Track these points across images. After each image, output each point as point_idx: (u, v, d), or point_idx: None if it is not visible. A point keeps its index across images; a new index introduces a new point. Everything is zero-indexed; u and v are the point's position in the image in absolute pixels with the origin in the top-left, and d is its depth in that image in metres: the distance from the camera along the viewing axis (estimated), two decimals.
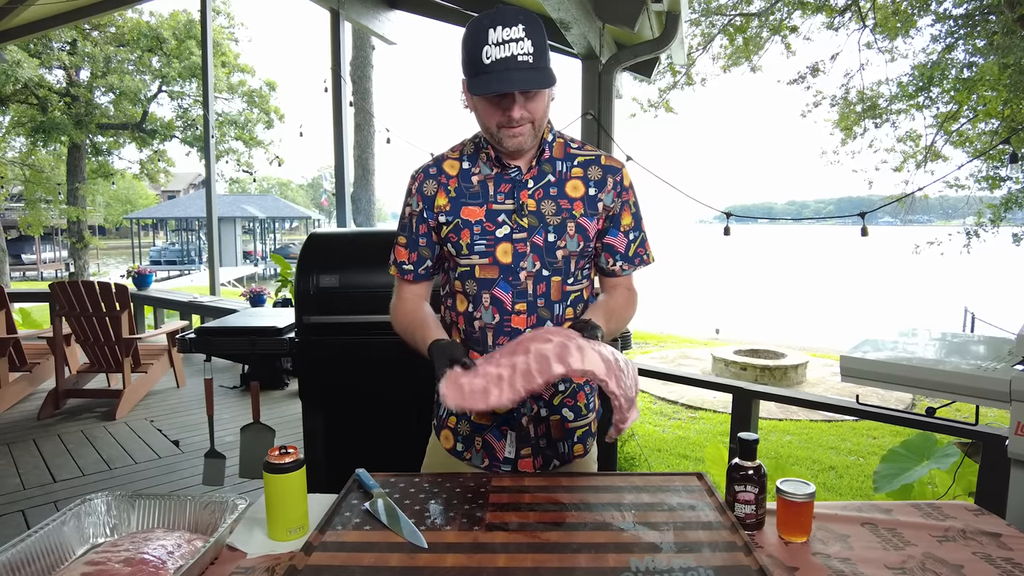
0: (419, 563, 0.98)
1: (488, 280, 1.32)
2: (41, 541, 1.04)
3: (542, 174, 1.33)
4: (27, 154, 15.82)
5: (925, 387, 1.55)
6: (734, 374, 8.54)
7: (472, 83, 1.19)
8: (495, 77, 1.16)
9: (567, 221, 1.32)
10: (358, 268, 2.37)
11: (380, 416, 2.41)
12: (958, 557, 1.06)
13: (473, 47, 1.17)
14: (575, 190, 1.33)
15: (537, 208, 1.31)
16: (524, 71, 1.16)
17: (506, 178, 1.32)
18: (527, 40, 1.15)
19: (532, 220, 1.31)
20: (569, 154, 1.36)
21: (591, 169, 1.35)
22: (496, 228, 1.31)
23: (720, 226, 3.28)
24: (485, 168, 1.34)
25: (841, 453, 5.86)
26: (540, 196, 1.32)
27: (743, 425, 2.57)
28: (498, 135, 1.25)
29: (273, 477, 1.11)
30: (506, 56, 1.15)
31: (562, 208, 1.32)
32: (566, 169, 1.34)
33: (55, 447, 3.84)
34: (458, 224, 1.32)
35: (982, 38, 8.14)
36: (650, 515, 1.13)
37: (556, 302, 1.34)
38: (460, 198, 1.33)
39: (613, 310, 1.36)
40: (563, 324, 1.35)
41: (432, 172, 1.36)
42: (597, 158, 1.37)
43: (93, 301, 4.33)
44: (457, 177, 1.35)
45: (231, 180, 28.20)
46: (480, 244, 1.31)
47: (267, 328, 2.49)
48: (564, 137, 1.38)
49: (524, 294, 1.32)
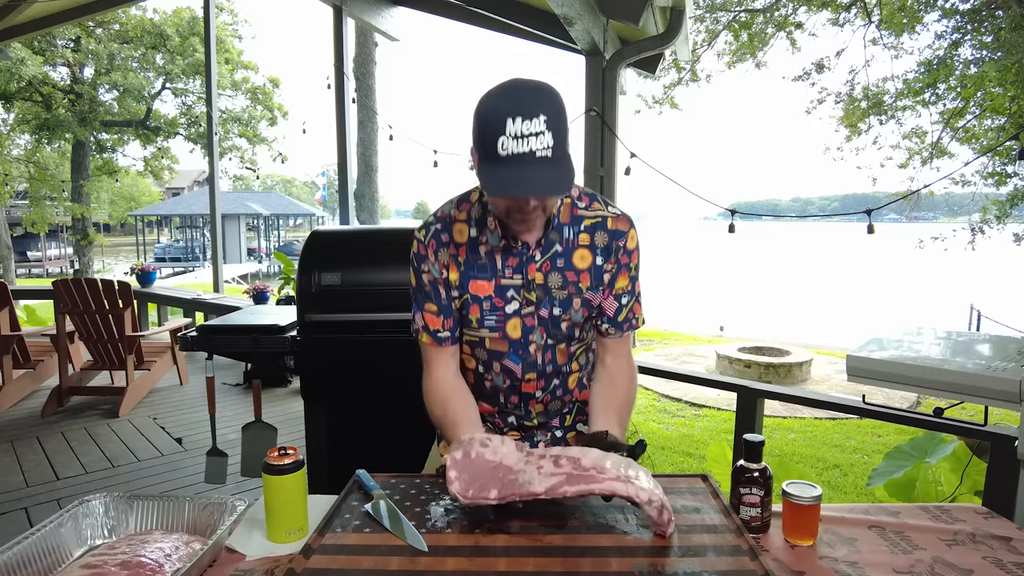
0: (419, 567, 0.97)
1: (498, 352, 1.33)
2: (38, 543, 1.03)
3: (549, 244, 1.28)
4: (32, 151, 15.88)
5: (933, 387, 1.53)
6: (738, 372, 8.51)
7: (484, 173, 1.10)
8: (510, 175, 1.07)
9: (573, 297, 1.30)
10: (360, 266, 2.36)
11: (382, 415, 2.40)
12: (968, 561, 1.05)
13: (488, 131, 1.08)
14: (582, 260, 1.29)
15: (544, 281, 1.29)
16: (542, 168, 1.07)
17: (513, 252, 1.28)
18: (548, 133, 1.06)
19: (539, 293, 1.29)
20: (576, 216, 1.30)
21: (598, 235, 1.30)
22: (505, 304, 1.30)
23: (724, 223, 3.26)
24: (493, 238, 1.28)
25: (846, 451, 5.83)
26: (547, 268, 1.28)
27: (748, 424, 2.55)
28: (507, 219, 1.21)
29: (272, 478, 1.10)
30: (524, 152, 1.06)
31: (568, 281, 1.29)
32: (573, 236, 1.29)
33: (58, 444, 3.85)
34: (467, 299, 1.31)
35: (989, 34, 8.08)
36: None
37: (563, 364, 1.36)
38: (468, 271, 1.30)
39: (622, 406, 1.34)
40: (569, 378, 1.38)
41: (444, 240, 1.30)
42: (604, 221, 1.30)
43: (96, 298, 4.33)
44: (466, 247, 1.30)
45: (235, 177, 28.29)
46: (490, 320, 1.30)
47: (269, 326, 2.48)
48: (571, 196, 1.31)
49: (534, 365, 1.33)
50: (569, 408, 1.43)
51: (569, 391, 1.40)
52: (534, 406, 1.38)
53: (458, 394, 1.35)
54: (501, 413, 1.41)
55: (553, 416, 1.41)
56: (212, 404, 2.62)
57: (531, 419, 1.40)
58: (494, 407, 1.41)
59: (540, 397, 1.37)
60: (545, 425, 1.41)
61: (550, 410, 1.40)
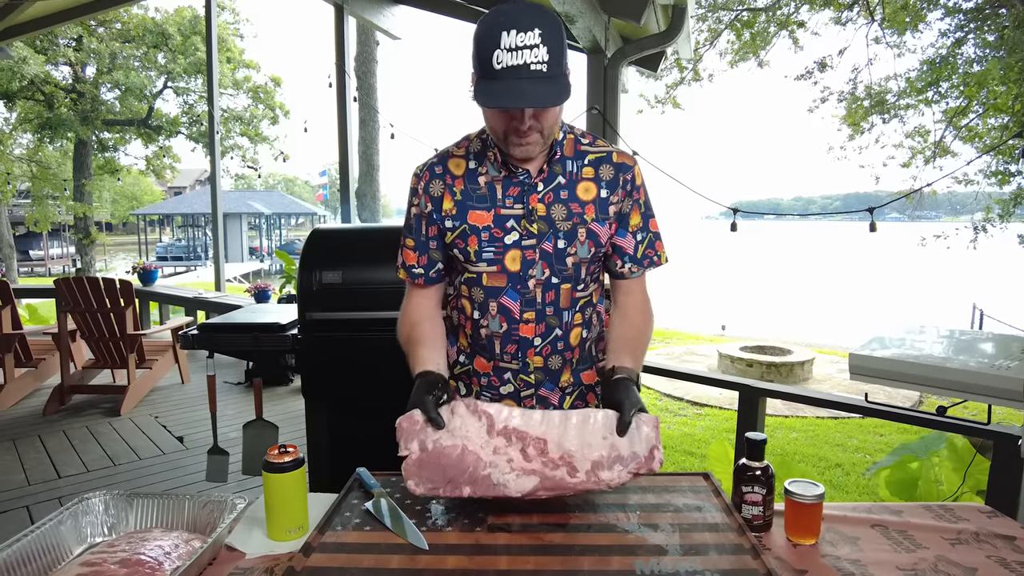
0: (419, 565, 0.96)
1: (496, 288, 1.29)
2: (38, 541, 1.02)
3: (552, 176, 1.27)
4: (34, 151, 15.88)
5: (936, 385, 1.52)
6: (740, 371, 8.50)
7: (479, 88, 1.11)
8: (504, 87, 1.08)
9: (578, 227, 1.27)
10: (361, 264, 2.35)
11: (384, 413, 2.39)
12: (972, 560, 1.04)
13: (484, 48, 1.08)
14: (586, 192, 1.28)
15: (547, 213, 1.26)
16: (536, 82, 1.07)
17: (515, 181, 1.27)
18: (542, 47, 1.07)
19: (542, 226, 1.26)
20: (579, 151, 1.30)
21: (603, 168, 1.29)
22: (505, 234, 1.27)
23: (726, 222, 3.25)
24: (492, 169, 1.28)
25: (848, 450, 5.82)
26: (550, 200, 1.26)
27: (750, 423, 2.54)
28: (505, 141, 1.19)
29: (272, 476, 1.10)
30: (518, 64, 1.06)
31: (573, 212, 1.27)
32: (576, 169, 1.29)
33: (60, 443, 3.85)
34: (465, 230, 1.28)
35: (992, 32, 8.05)
36: (656, 516, 1.11)
37: (565, 309, 1.30)
38: (466, 201, 1.28)
39: (637, 341, 1.32)
40: (572, 331, 1.33)
41: (438, 171, 1.30)
42: (608, 155, 1.30)
43: (98, 297, 4.33)
44: (463, 178, 1.29)
45: (236, 176, 28.28)
46: (488, 251, 1.27)
47: (270, 324, 2.47)
48: (575, 132, 1.32)
49: (533, 302, 1.28)
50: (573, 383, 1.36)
51: (571, 347, 1.33)
52: (532, 357, 1.31)
53: (430, 321, 1.34)
54: (497, 371, 1.34)
55: (554, 376, 1.35)
56: (213, 402, 2.62)
57: (528, 373, 1.33)
58: (490, 361, 1.35)
59: (539, 347, 1.31)
60: (543, 383, 1.34)
61: (550, 367, 1.33)
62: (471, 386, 1.38)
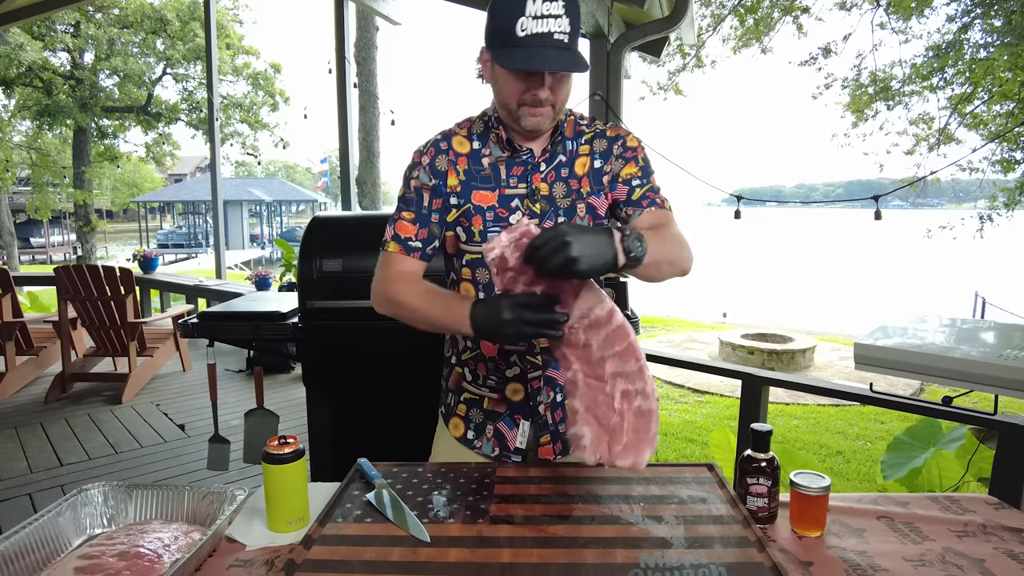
0: (421, 558, 0.95)
1: None
2: (36, 533, 1.01)
3: (554, 155, 1.28)
4: (33, 138, 15.82)
5: (942, 375, 1.51)
6: (741, 358, 8.50)
7: (501, 55, 1.12)
8: (529, 52, 1.09)
9: (576, 203, 1.27)
10: (362, 252, 2.34)
11: (385, 403, 2.39)
12: (979, 552, 1.03)
13: (506, 16, 1.10)
14: (582, 167, 1.29)
15: (549, 191, 1.27)
16: (559, 51, 1.10)
17: (518, 161, 1.27)
18: (565, 18, 1.09)
19: (544, 205, 1.26)
20: (578, 132, 1.31)
21: (597, 142, 1.30)
22: (509, 214, 1.26)
23: (728, 209, 3.23)
24: (496, 150, 1.28)
25: (849, 438, 5.83)
26: (552, 179, 1.27)
27: (752, 412, 2.53)
28: (517, 112, 1.19)
29: (272, 468, 1.09)
30: (542, 32, 1.08)
31: (571, 189, 1.28)
32: (575, 147, 1.30)
33: (62, 431, 3.85)
34: (469, 209, 1.27)
35: (999, 17, 7.96)
36: (660, 508, 1.10)
37: None
38: (471, 181, 1.27)
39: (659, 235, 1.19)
40: None
41: (443, 147, 1.29)
42: (603, 131, 1.32)
43: (98, 285, 4.32)
44: (467, 157, 1.28)
45: (237, 163, 28.17)
46: (494, 231, 1.26)
47: (270, 313, 2.46)
48: (574, 115, 1.33)
49: None
50: None
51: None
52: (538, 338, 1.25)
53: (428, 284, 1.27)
54: (502, 353, 1.33)
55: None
56: (214, 391, 2.62)
57: (535, 354, 1.31)
58: (496, 343, 1.31)
59: None
60: (550, 364, 1.32)
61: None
62: (477, 371, 1.37)
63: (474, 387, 1.38)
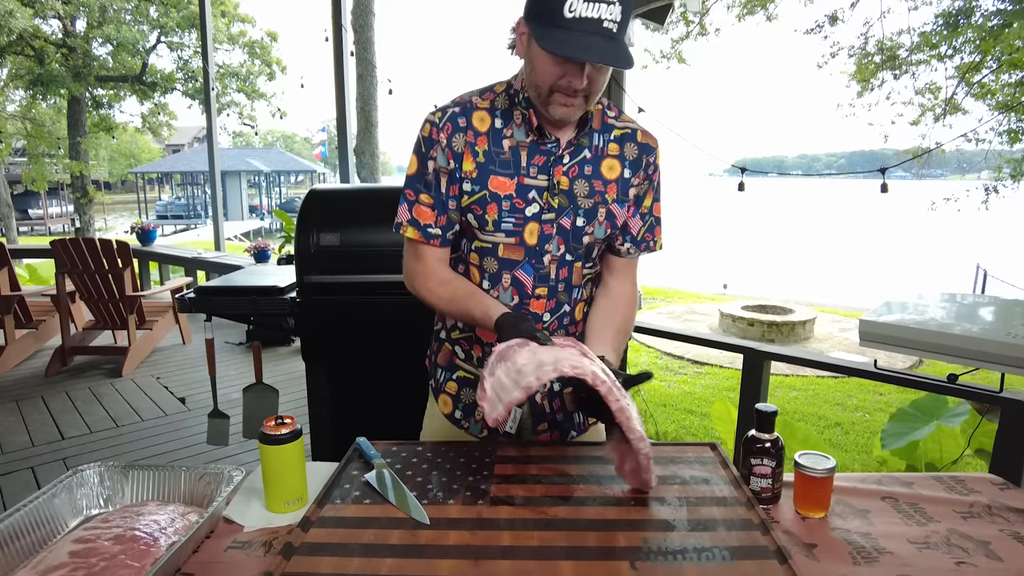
0: (420, 540, 0.94)
1: (511, 261, 1.23)
2: (31, 514, 1.00)
3: (579, 149, 1.21)
4: (27, 108, 15.61)
5: (949, 353, 1.49)
6: (741, 330, 8.50)
7: (543, 34, 1.03)
8: (575, 38, 1.01)
9: (599, 206, 1.22)
10: (360, 225, 2.30)
11: (385, 378, 2.37)
12: (984, 533, 1.02)
13: None
14: (611, 171, 1.23)
15: (570, 187, 1.21)
16: (606, 40, 1.02)
17: (542, 148, 1.20)
18: (618, 6, 1.02)
19: (562, 200, 1.21)
20: (606, 124, 1.24)
21: (627, 146, 1.24)
22: (526, 205, 1.20)
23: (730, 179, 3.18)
24: (519, 132, 1.20)
25: (847, 409, 5.86)
26: (575, 174, 1.21)
27: (754, 386, 2.52)
28: (548, 98, 1.11)
29: (269, 449, 1.07)
30: (592, 17, 1.01)
31: (595, 190, 1.22)
32: (603, 143, 1.23)
33: (63, 404, 3.86)
34: (484, 196, 1.20)
35: None
36: (662, 489, 1.08)
37: (575, 287, 1.27)
38: (489, 165, 1.19)
39: (621, 333, 1.28)
40: (577, 306, 1.29)
41: (461, 124, 1.19)
42: (634, 133, 1.25)
43: (95, 258, 4.29)
44: (487, 136, 1.20)
45: (234, 134, 27.95)
46: (508, 222, 1.20)
47: (268, 287, 2.43)
48: (601, 103, 1.25)
49: (546, 278, 1.24)
50: None
51: (575, 322, 1.31)
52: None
53: (460, 278, 1.27)
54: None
55: None
56: (212, 366, 2.60)
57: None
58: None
59: (547, 322, 1.27)
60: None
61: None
62: (471, 352, 1.34)
63: (469, 365, 1.35)
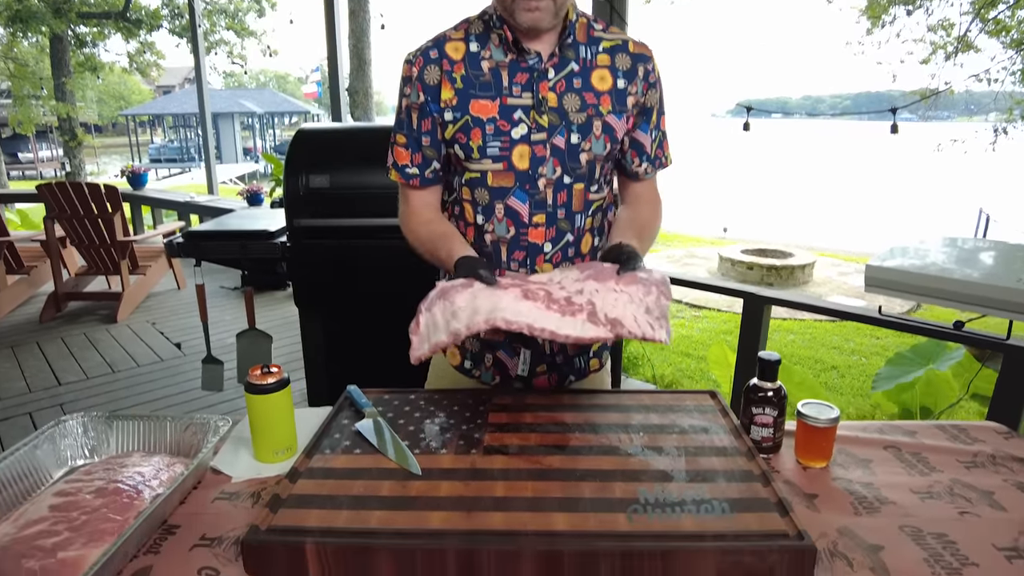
0: (411, 492, 0.91)
1: (502, 189, 1.16)
2: (13, 466, 0.98)
3: (564, 62, 1.14)
4: (8, 46, 15.09)
5: (957, 300, 1.44)
6: (740, 273, 8.48)
7: None
8: None
9: (593, 119, 1.15)
10: (350, 167, 2.22)
11: (379, 323, 2.34)
12: (988, 483, 1.00)
13: None
14: (602, 82, 1.15)
15: (559, 103, 1.13)
16: None
17: (523, 66, 1.13)
18: None
19: (552, 118, 1.13)
20: (593, 37, 1.17)
21: (619, 57, 1.17)
22: (512, 127, 1.13)
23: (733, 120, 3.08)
24: (498, 53, 1.14)
25: (844, 353, 5.88)
26: (562, 89, 1.14)
27: (754, 331, 2.50)
28: (512, 5, 1.06)
29: (255, 398, 1.04)
30: None
31: (587, 103, 1.14)
32: (591, 56, 1.16)
33: (59, 350, 3.85)
34: (467, 122, 1.14)
35: None
36: (660, 438, 1.05)
37: (578, 212, 1.19)
38: (468, 89, 1.14)
39: (644, 227, 1.23)
40: (583, 237, 1.22)
41: (433, 56, 1.15)
42: (624, 43, 1.18)
43: (84, 203, 4.20)
44: (463, 62, 1.14)
45: (226, 74, 27.13)
46: (493, 146, 1.14)
47: (258, 232, 2.38)
48: (587, 17, 1.18)
49: (543, 204, 1.17)
50: None
51: (582, 255, 1.23)
52: (542, 265, 1.20)
53: (440, 220, 1.24)
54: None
55: None
56: (204, 311, 2.57)
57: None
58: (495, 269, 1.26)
59: (549, 253, 1.20)
60: None
61: None
62: None
63: None
